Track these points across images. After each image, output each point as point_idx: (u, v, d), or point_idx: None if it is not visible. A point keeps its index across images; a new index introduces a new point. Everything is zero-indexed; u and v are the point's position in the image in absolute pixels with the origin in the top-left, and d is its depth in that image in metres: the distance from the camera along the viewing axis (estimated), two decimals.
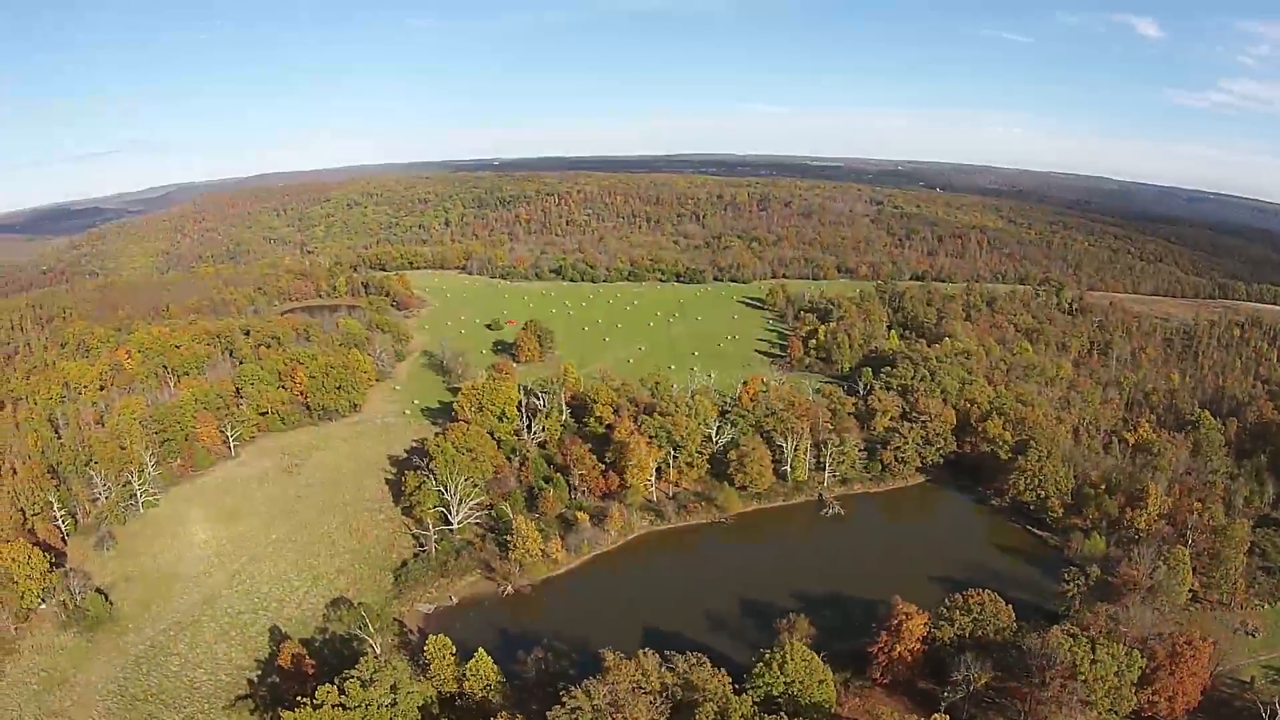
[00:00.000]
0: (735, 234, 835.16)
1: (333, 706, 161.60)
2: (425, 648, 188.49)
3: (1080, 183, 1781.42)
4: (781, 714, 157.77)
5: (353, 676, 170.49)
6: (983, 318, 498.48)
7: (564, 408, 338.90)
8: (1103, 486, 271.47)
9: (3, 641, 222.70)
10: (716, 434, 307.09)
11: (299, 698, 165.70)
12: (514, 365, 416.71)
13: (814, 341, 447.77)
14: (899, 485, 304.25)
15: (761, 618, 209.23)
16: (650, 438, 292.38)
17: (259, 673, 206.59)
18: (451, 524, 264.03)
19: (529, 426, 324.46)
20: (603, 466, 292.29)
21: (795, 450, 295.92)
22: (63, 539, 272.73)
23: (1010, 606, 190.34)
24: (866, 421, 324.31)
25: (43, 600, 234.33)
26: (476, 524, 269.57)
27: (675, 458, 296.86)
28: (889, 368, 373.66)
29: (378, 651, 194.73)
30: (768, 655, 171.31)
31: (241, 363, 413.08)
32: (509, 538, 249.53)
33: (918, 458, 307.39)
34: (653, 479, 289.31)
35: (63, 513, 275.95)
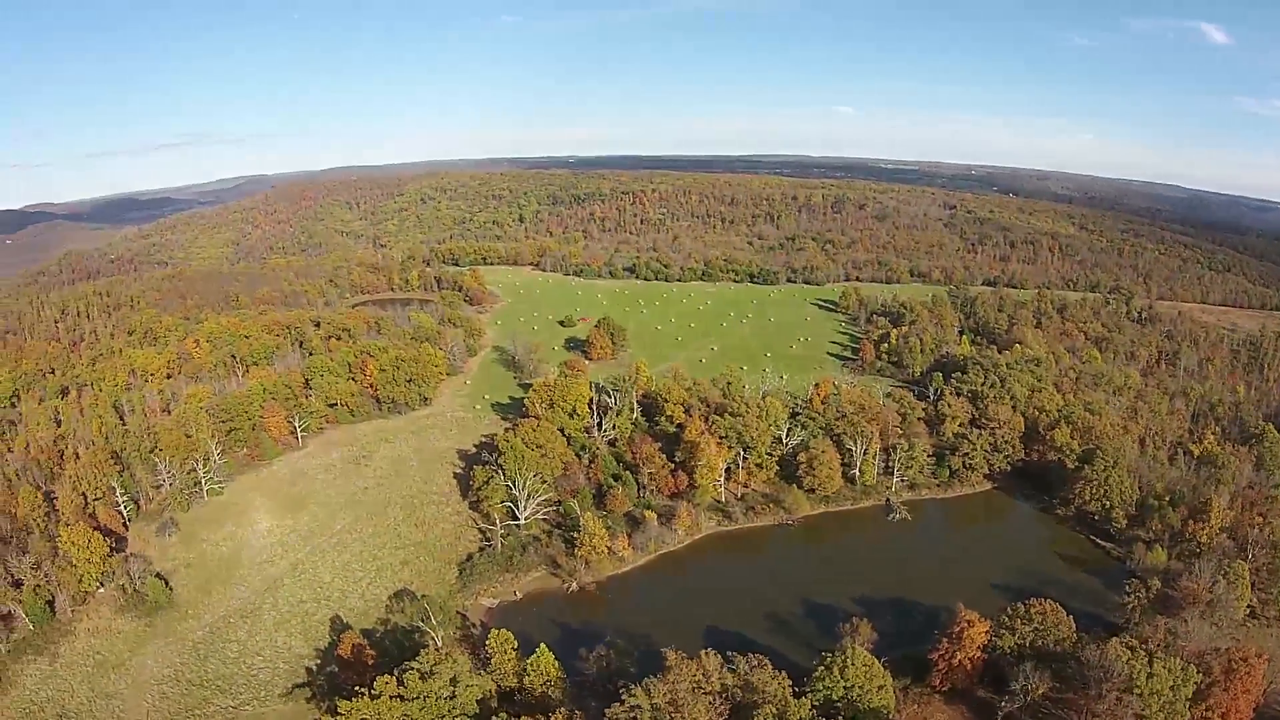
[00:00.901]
0: (809, 236, 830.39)
1: (391, 697, 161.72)
2: (487, 642, 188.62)
3: (1150, 190, 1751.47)
4: (839, 719, 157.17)
5: (412, 668, 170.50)
6: (1053, 325, 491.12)
7: (635, 406, 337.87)
8: (1166, 498, 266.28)
9: (59, 624, 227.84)
10: (787, 436, 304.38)
11: (357, 688, 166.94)
12: (586, 363, 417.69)
13: (886, 345, 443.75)
14: (966, 492, 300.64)
15: (824, 621, 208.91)
16: (720, 438, 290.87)
17: (318, 662, 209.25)
18: (519, 519, 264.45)
19: (599, 424, 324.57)
20: (672, 466, 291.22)
21: (864, 454, 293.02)
22: (124, 524, 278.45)
23: (1071, 617, 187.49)
24: (936, 427, 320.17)
25: (101, 584, 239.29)
26: (544, 520, 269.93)
27: (745, 459, 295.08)
28: (959, 373, 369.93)
29: (439, 644, 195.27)
30: (829, 659, 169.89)
31: (311, 354, 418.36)
32: (576, 534, 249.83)
33: (985, 464, 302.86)
34: (722, 479, 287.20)
35: (125, 498, 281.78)
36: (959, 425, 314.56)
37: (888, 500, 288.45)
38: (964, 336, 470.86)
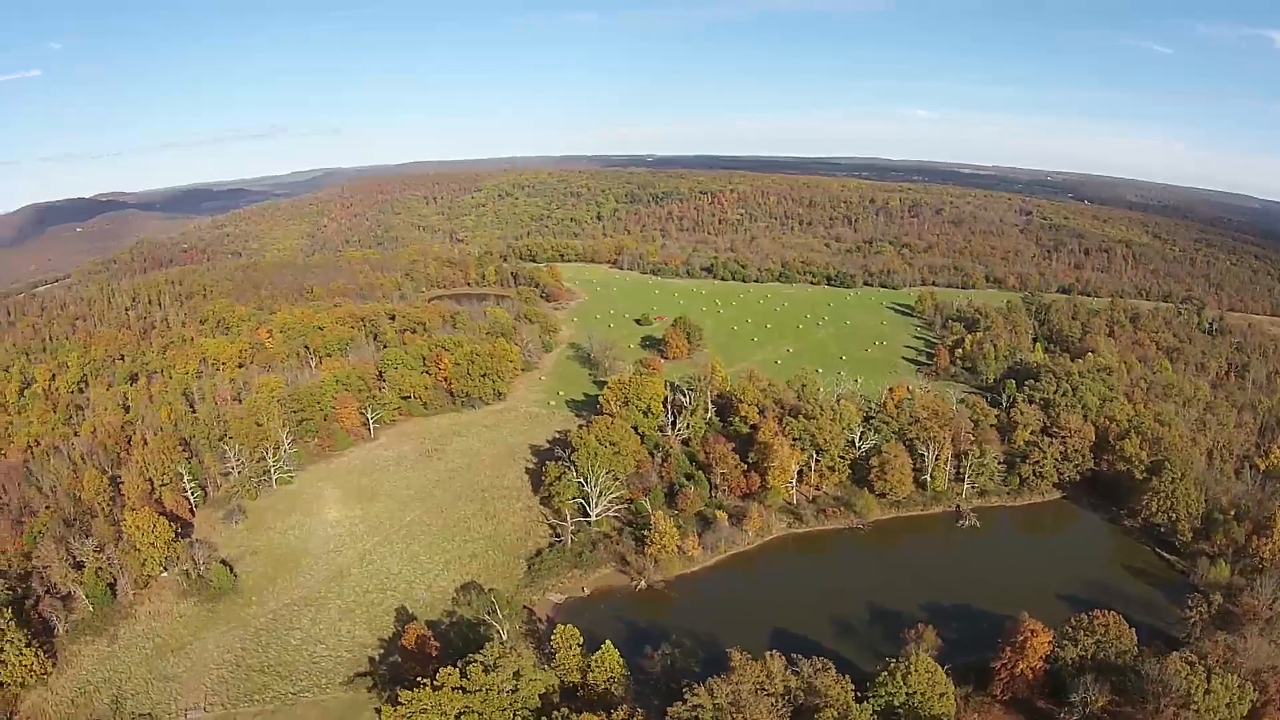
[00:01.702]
0: (886, 239, 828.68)
1: (453, 689, 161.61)
2: (552, 637, 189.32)
3: (1222, 199, 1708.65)
4: None
5: (475, 661, 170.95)
6: (1125, 334, 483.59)
7: (709, 406, 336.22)
8: (1232, 512, 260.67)
9: (120, 606, 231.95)
10: (859, 439, 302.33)
11: (419, 678, 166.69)
12: (661, 361, 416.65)
13: (960, 351, 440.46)
14: (1035, 500, 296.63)
15: (889, 626, 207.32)
16: (794, 440, 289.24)
17: (381, 651, 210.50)
18: (589, 516, 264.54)
19: (673, 423, 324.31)
20: (745, 466, 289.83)
21: (936, 459, 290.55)
22: (191, 510, 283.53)
23: (1133, 630, 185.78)
24: (1007, 434, 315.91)
25: (165, 568, 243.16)
26: (614, 517, 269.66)
27: (817, 461, 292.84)
28: (1032, 380, 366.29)
29: (504, 637, 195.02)
30: (892, 665, 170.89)
31: (386, 347, 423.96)
32: (646, 533, 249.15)
33: (1055, 473, 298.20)
34: (794, 481, 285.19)
35: (192, 485, 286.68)
36: (1030, 433, 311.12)
37: (958, 507, 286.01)
38: (1037, 344, 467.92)
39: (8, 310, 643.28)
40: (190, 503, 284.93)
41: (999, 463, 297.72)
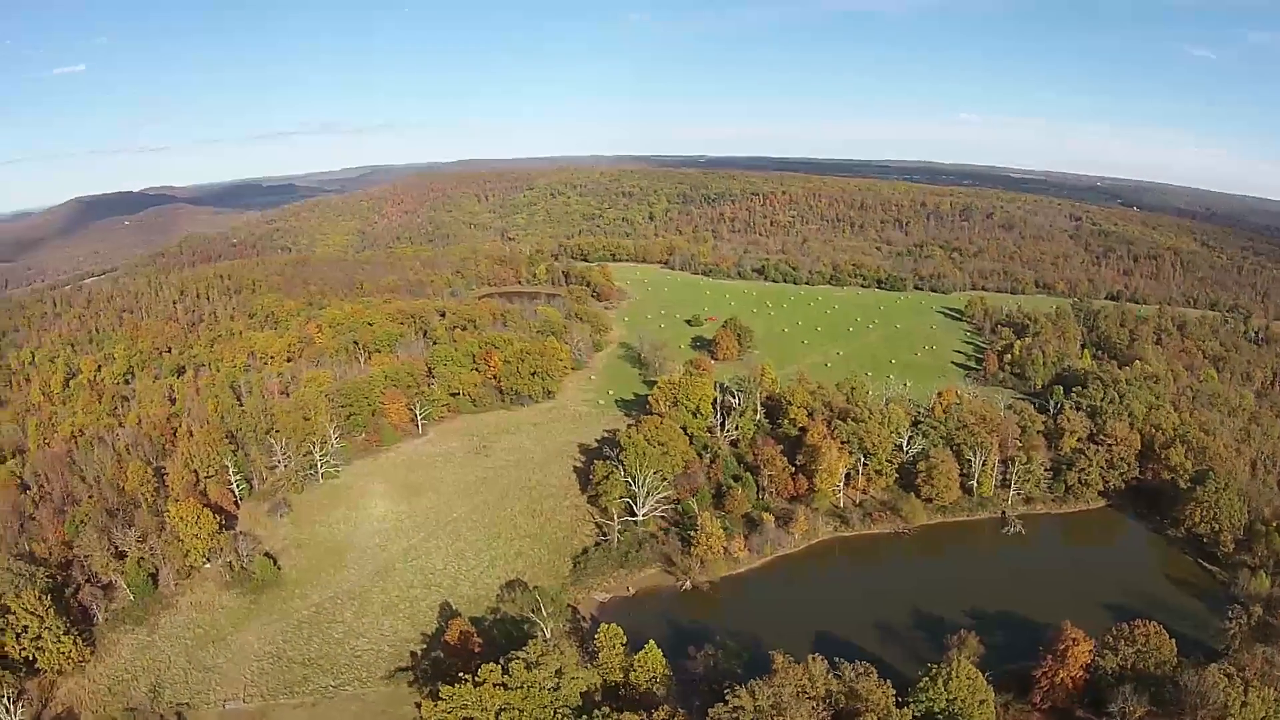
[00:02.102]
0: (937, 243, 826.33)
1: (494, 686, 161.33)
2: (596, 636, 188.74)
3: (1271, 207, 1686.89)
4: None
5: (518, 658, 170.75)
6: (1172, 342, 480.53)
7: (759, 407, 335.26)
8: (1274, 524, 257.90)
9: (162, 596, 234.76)
10: (907, 444, 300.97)
11: (460, 674, 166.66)
12: (711, 362, 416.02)
13: (1009, 356, 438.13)
14: (1080, 508, 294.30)
15: (932, 631, 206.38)
16: (842, 443, 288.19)
17: (423, 647, 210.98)
18: (636, 516, 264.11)
19: (722, 424, 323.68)
20: (792, 469, 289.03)
21: (983, 465, 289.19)
22: (235, 503, 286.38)
23: (1173, 640, 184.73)
24: (1054, 441, 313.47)
25: (208, 559, 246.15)
26: (661, 517, 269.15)
27: (865, 465, 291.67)
28: (1080, 387, 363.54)
29: (547, 635, 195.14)
30: (933, 670, 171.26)
31: (435, 344, 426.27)
32: (693, 533, 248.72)
33: (1101, 481, 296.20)
34: (841, 485, 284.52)
35: (238, 477, 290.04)
36: (1077, 440, 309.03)
37: (1003, 513, 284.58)
38: (1086, 350, 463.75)
39: (54, 302, 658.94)
40: (235, 495, 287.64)
41: (1045, 470, 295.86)
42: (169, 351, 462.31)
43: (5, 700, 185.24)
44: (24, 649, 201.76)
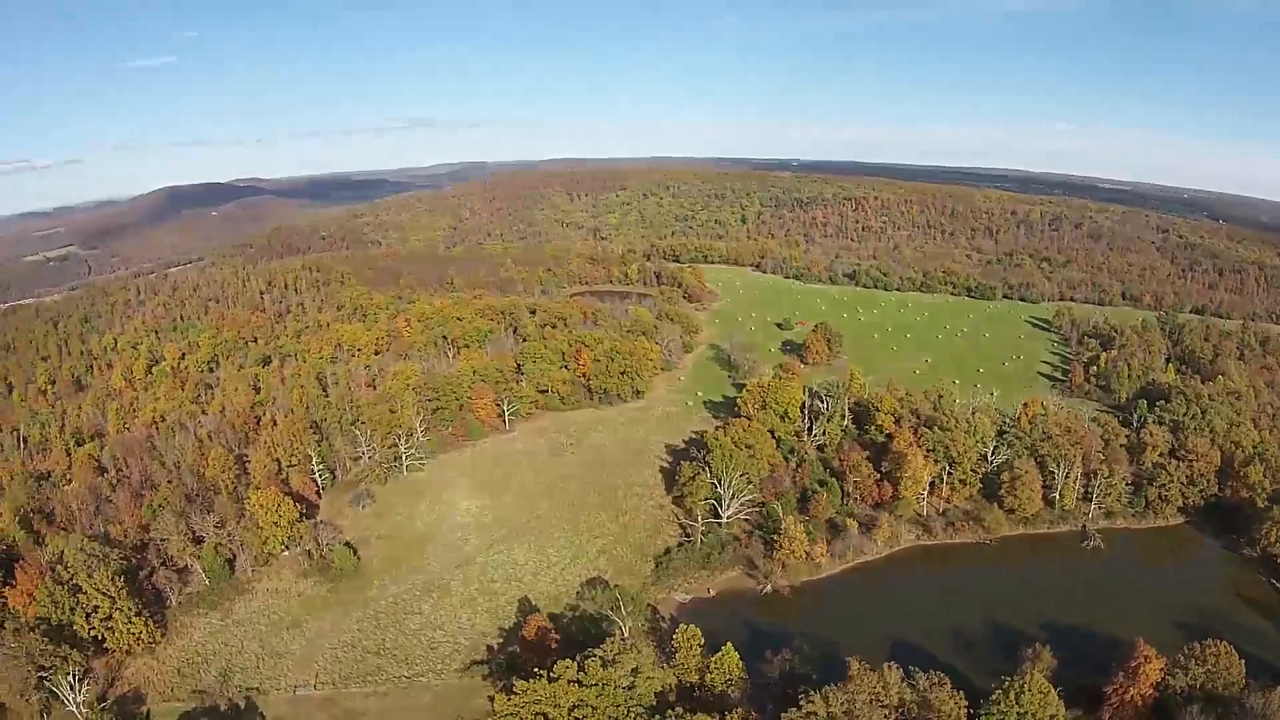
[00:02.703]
0: (1027, 252, 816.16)
1: (569, 682, 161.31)
2: (674, 636, 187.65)
3: None
4: None
5: (595, 655, 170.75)
6: (1255, 358, 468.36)
7: (846, 413, 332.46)
8: None
9: (238, 582, 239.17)
10: (992, 453, 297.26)
11: (536, 669, 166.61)
12: (801, 366, 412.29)
13: (1095, 368, 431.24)
14: (1159, 524, 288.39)
15: (1007, 643, 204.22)
16: (927, 451, 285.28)
17: (500, 641, 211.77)
18: (720, 518, 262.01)
19: (809, 429, 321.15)
20: (877, 476, 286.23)
21: (1067, 478, 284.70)
22: (318, 492, 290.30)
23: (1243, 661, 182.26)
24: (1136, 455, 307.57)
25: (286, 547, 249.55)
26: (745, 520, 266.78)
27: (949, 474, 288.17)
28: (1163, 401, 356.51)
29: (625, 634, 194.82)
30: (1007, 683, 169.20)
31: (525, 340, 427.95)
32: (776, 537, 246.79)
33: (1180, 498, 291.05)
34: (925, 493, 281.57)
35: (321, 467, 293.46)
36: (1158, 455, 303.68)
37: (1084, 526, 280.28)
38: (1170, 364, 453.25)
39: (138, 289, 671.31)
40: (318, 485, 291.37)
41: (1126, 484, 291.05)
42: (254, 341, 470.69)
43: (70, 677, 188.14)
44: (93, 628, 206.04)
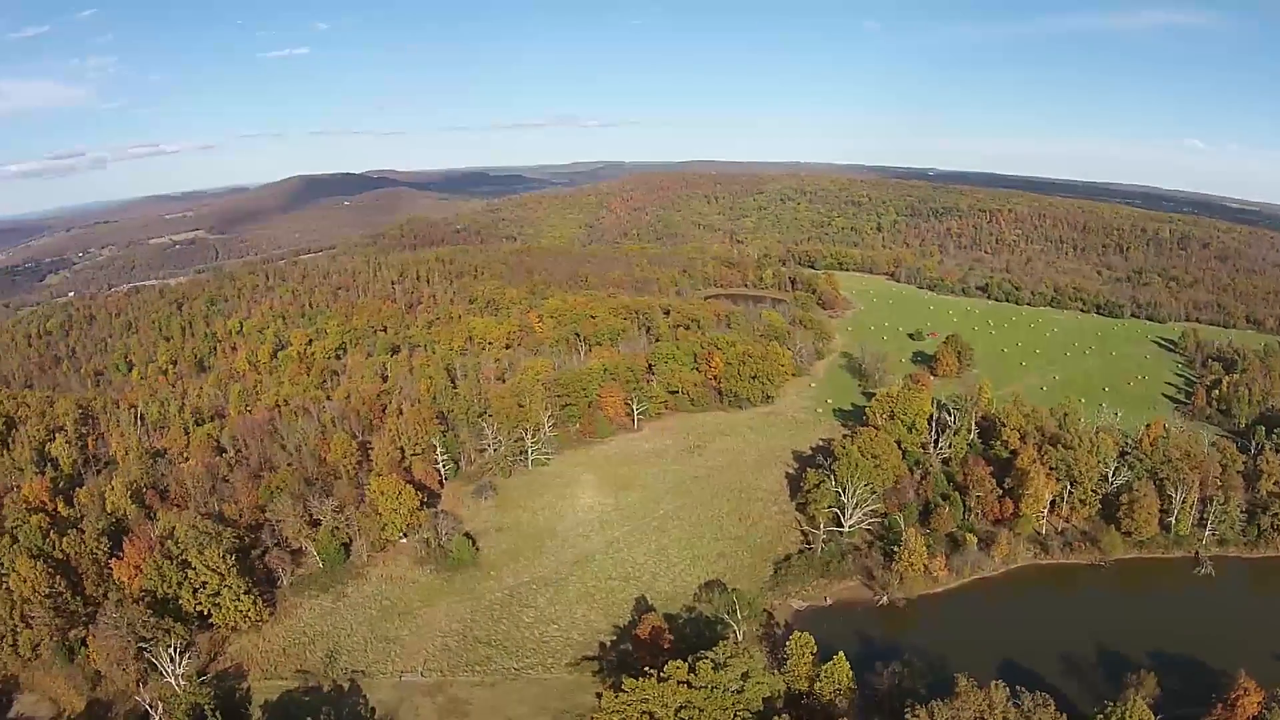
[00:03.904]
0: (1155, 270, 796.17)
1: (679, 683, 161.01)
2: (787, 643, 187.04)
3: None
4: None
5: (706, 657, 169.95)
6: None
7: (973, 427, 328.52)
8: None
9: (351, 567, 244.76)
10: (1113, 474, 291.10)
11: (647, 668, 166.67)
12: (930, 378, 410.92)
13: (1217, 392, 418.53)
14: (1271, 554, 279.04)
15: (1113, 668, 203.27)
16: (1050, 469, 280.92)
17: (613, 638, 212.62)
18: (842, 527, 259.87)
19: (936, 441, 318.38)
20: (1000, 491, 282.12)
21: (1184, 503, 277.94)
22: (440, 482, 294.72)
23: None
24: (1252, 482, 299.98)
25: (404, 535, 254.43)
26: (866, 530, 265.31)
27: (1070, 493, 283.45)
28: None
29: (739, 638, 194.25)
30: (1109, 709, 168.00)
31: (658, 341, 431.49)
32: (896, 548, 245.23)
33: None
34: (1045, 511, 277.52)
35: (445, 458, 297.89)
36: (1274, 484, 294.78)
37: (1196, 553, 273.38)
38: None
39: (266, 275, 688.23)
40: (440, 475, 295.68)
41: (1241, 511, 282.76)
42: (384, 331, 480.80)
43: (172, 650, 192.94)
44: (200, 604, 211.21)
